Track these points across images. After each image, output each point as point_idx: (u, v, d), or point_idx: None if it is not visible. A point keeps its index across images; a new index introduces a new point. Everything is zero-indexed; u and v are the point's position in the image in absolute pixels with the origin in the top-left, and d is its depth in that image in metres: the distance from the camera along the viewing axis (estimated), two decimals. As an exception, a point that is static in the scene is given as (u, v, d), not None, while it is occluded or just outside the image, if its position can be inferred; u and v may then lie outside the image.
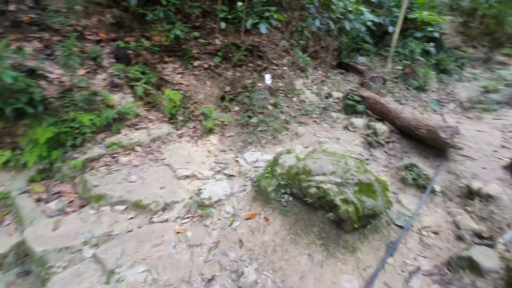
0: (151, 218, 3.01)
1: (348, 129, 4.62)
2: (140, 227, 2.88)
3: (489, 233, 2.54)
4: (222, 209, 3.12)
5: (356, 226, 2.45)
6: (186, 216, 3.09)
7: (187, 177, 3.59)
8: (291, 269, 2.44)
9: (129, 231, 2.80)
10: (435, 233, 2.71)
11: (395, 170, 3.57)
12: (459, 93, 7.06)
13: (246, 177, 3.56)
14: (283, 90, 5.39)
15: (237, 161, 3.90)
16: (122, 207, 3.06)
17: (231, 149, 4.17)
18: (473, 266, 2.24)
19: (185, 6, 4.73)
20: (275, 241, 2.67)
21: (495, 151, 3.82)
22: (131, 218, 2.97)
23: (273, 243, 2.66)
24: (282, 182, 2.90)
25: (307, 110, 5.02)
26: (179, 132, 4.17)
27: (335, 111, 5.18)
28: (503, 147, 4.02)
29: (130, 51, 4.40)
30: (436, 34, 7.34)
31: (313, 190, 2.52)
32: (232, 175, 3.63)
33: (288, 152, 3.26)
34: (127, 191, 3.15)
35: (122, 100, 4.06)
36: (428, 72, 6.94)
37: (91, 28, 4.54)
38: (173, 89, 4.31)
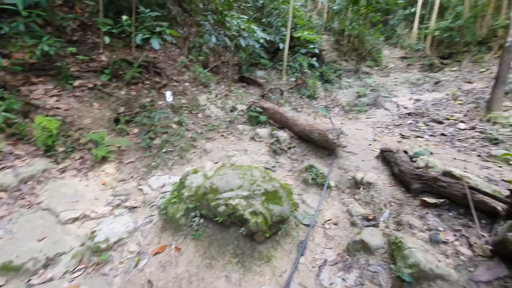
0: (29, 280, 2.34)
1: (255, 140, 4.81)
2: (13, 296, 2.20)
3: (373, 215, 3.01)
4: (124, 249, 2.68)
5: (267, 235, 2.49)
6: (78, 268, 2.53)
7: (76, 219, 2.98)
8: (209, 297, 2.27)
9: (-3, 305, 2.09)
10: (335, 224, 3.04)
11: (298, 172, 3.89)
12: (340, 99, 8.41)
13: (152, 205, 3.21)
14: (186, 106, 5.21)
15: (140, 189, 3.48)
16: (-16, 276, 2.28)
17: (132, 177, 3.70)
18: (365, 247, 2.57)
19: (56, 17, 4.02)
20: (190, 271, 2.45)
21: (370, 145, 4.65)
22: (1, 286, 2.24)
23: (187, 274, 2.43)
24: (190, 205, 2.71)
25: (214, 125, 4.99)
26: (61, 166, 3.43)
27: (241, 124, 5.33)
28: (374, 140, 4.94)
29: (-24, 72, 3.41)
30: (316, 51, 8.58)
31: (222, 208, 2.44)
32: (135, 207, 3.21)
33: (195, 171, 3.10)
34: (-11, 253, 2.37)
35: (-32, 135, 3.08)
36: (315, 83, 8.02)
37: None
38: (47, 115, 3.54)
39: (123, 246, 2.70)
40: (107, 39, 4.24)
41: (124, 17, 4.42)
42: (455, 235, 2.28)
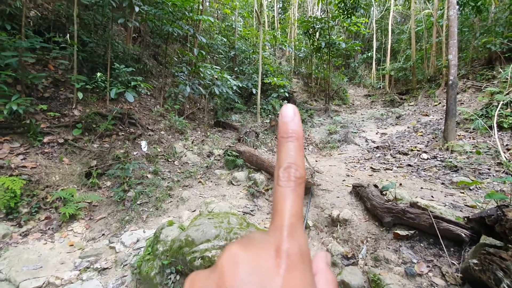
0: None
1: (232, 184, 4.82)
2: None
3: (352, 252, 3.01)
4: (92, 319, 2.43)
5: (247, 286, 2.39)
6: None
7: (38, 289, 2.71)
8: None
9: None
10: (317, 266, 2.99)
11: (277, 214, 3.88)
12: (314, 137, 8.81)
13: (125, 265, 3.01)
14: (162, 155, 5.21)
15: (112, 247, 3.28)
16: None
17: (103, 234, 3.50)
18: (347, 289, 2.53)
19: (27, 76, 4.08)
20: (166, 337, 2.25)
21: (344, 180, 4.81)
22: None
23: None
24: (165, 262, 2.59)
25: (191, 172, 4.98)
26: (24, 229, 3.20)
27: (218, 168, 5.36)
28: (347, 175, 5.13)
29: None
30: (286, 94, 9.18)
31: (198, 262, 2.35)
32: (106, 268, 2.99)
33: (170, 224, 3.01)
34: None
35: None
36: (288, 123, 8.42)
37: None
38: (12, 175, 3.39)
39: (91, 315, 2.45)
40: (80, 95, 4.32)
41: (99, 74, 4.58)
42: (428, 266, 2.34)
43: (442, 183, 4.37)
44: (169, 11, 5.99)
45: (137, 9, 5.11)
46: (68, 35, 4.81)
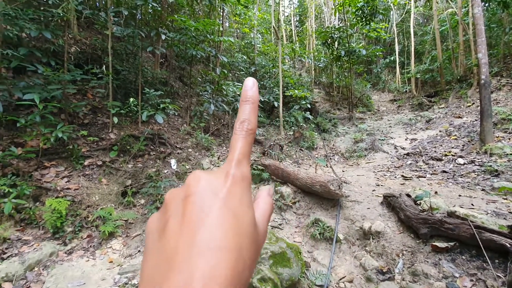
0: None
1: (259, 197, 4.85)
2: None
3: (387, 267, 2.88)
4: (132, 333, 2.54)
5: (280, 302, 2.38)
6: None
7: (82, 304, 2.88)
8: None
9: None
10: (350, 281, 2.89)
11: (306, 228, 3.84)
12: (339, 146, 8.65)
13: (160, 280, 3.12)
14: (191, 172, 5.40)
15: (147, 263, 3.42)
16: None
17: (139, 251, 3.67)
18: (385, 305, 2.42)
19: (70, 105, 4.52)
20: None
21: (374, 190, 4.66)
22: None
23: None
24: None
25: (218, 187, 5.10)
26: (68, 247, 3.46)
27: (244, 182, 5.43)
28: (377, 185, 4.96)
29: (-5, 163, 3.70)
30: (308, 105, 9.18)
31: (230, 277, 2.39)
32: (143, 283, 3.12)
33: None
34: None
35: (-20, 225, 3.20)
36: (312, 134, 8.38)
37: None
38: (58, 197, 3.71)
39: (131, 330, 2.56)
40: (115, 119, 4.68)
41: (131, 99, 4.94)
42: (471, 280, 2.18)
43: (483, 189, 4.08)
44: (192, 36, 6.36)
45: (163, 37, 5.51)
46: (104, 66, 5.28)
